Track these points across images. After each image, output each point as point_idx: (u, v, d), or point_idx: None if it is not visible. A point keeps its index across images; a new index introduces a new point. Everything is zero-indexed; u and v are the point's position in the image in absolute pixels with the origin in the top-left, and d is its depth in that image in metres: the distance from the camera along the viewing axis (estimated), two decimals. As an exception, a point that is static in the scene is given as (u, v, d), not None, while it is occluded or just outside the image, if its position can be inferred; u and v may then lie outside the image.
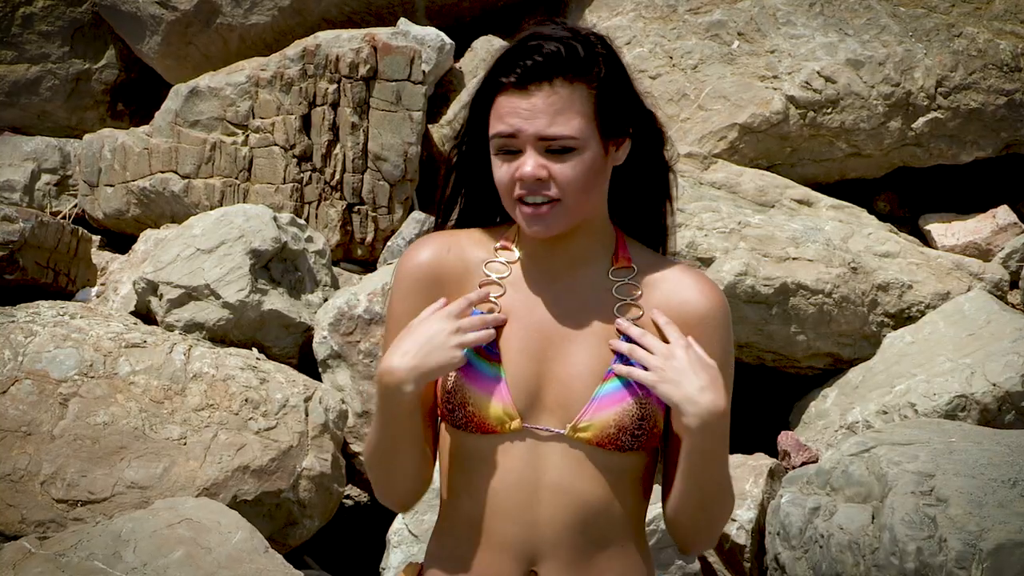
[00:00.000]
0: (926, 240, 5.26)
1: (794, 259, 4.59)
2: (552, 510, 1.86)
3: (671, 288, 1.90)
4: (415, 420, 1.88)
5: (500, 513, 1.87)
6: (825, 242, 4.68)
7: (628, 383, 1.85)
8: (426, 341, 1.83)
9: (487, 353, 1.88)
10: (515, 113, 1.83)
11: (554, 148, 1.83)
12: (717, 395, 1.79)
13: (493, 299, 1.90)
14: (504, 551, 1.87)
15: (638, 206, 1.96)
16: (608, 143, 1.87)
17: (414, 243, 1.95)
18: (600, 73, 1.85)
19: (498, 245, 1.94)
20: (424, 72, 5.27)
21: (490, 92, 1.88)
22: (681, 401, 1.80)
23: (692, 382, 1.80)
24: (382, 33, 5.35)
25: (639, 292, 1.90)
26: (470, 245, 1.94)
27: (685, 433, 1.82)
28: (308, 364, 4.67)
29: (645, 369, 1.84)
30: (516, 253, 1.92)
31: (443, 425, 1.93)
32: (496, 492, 1.86)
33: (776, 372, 4.72)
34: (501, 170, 1.86)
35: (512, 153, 1.85)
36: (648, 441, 1.88)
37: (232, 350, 4.46)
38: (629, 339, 1.87)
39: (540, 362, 1.88)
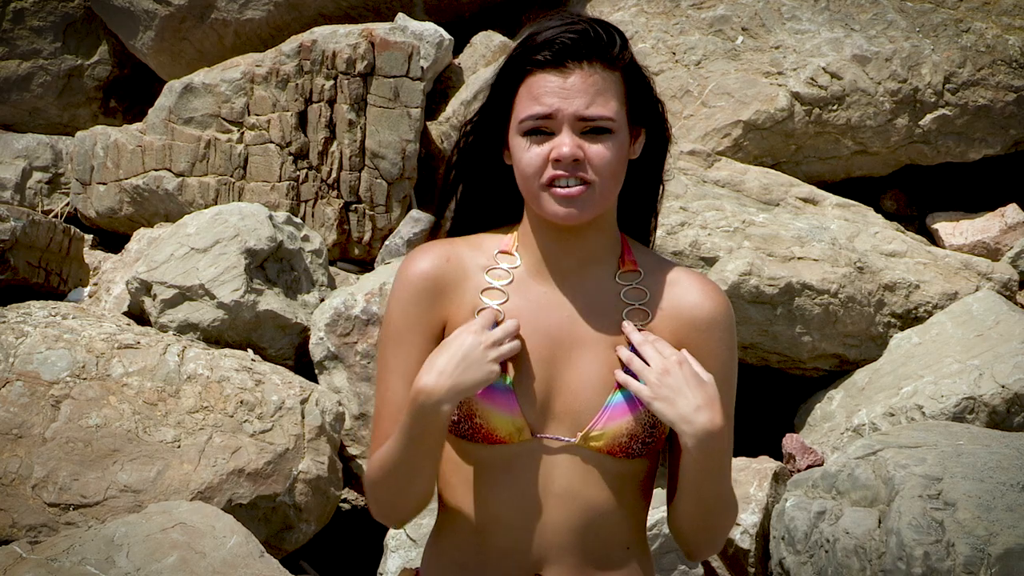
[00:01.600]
0: (933, 239, 5.26)
1: (799, 258, 4.59)
2: (559, 517, 1.87)
3: (677, 292, 1.90)
4: (442, 439, 1.86)
5: (506, 520, 1.87)
6: (831, 241, 4.69)
7: None
8: (462, 358, 1.81)
9: None
10: (552, 92, 1.81)
11: (590, 129, 1.82)
12: (713, 414, 1.79)
13: (497, 306, 1.89)
14: (509, 557, 1.87)
15: (631, 207, 1.96)
16: (632, 132, 1.87)
17: (413, 252, 1.93)
18: (629, 59, 1.85)
19: (498, 250, 1.92)
20: (422, 68, 5.27)
21: (516, 74, 1.85)
22: (676, 420, 1.80)
23: (687, 401, 1.80)
24: (380, 28, 5.35)
25: (647, 296, 1.90)
26: (469, 252, 1.92)
27: (684, 449, 1.83)
28: (304, 366, 4.66)
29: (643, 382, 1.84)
30: (517, 257, 1.91)
31: (448, 433, 1.92)
32: (503, 500, 1.87)
33: (781, 374, 4.71)
34: (531, 153, 1.83)
35: (544, 135, 1.82)
36: (655, 446, 1.89)
37: (227, 351, 4.45)
38: (632, 346, 1.87)
39: (549, 368, 1.87)
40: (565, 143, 1.80)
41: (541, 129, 1.82)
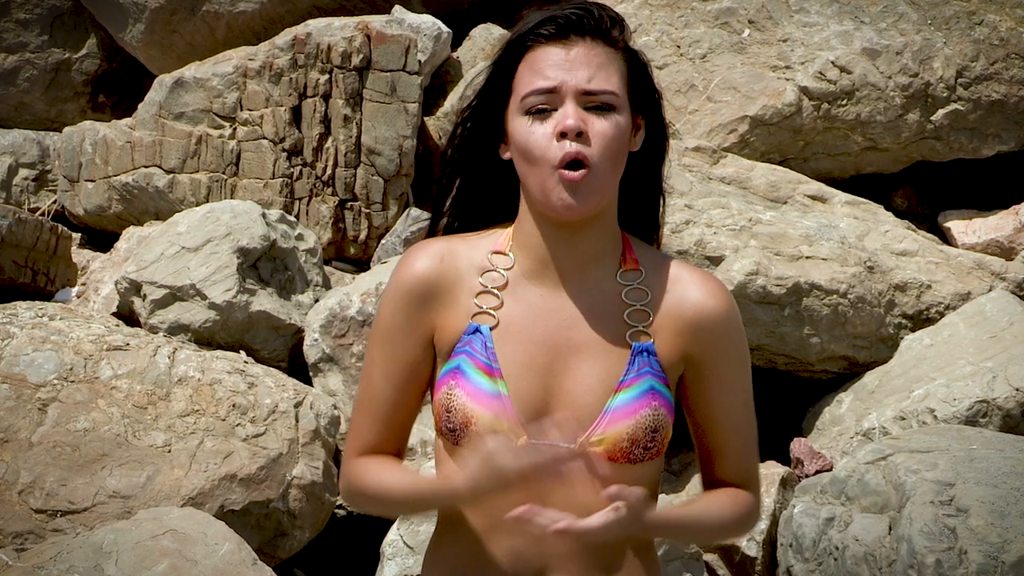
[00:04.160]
0: (945, 238, 5.27)
1: (807, 258, 4.59)
2: None
3: (678, 291, 1.89)
4: None
5: (507, 528, 1.84)
6: (840, 240, 4.68)
7: (641, 393, 1.85)
8: (498, 479, 1.81)
9: (488, 368, 1.85)
10: (556, 65, 1.81)
11: (594, 105, 1.81)
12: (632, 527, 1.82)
13: (491, 311, 1.87)
14: (510, 565, 1.86)
15: (634, 205, 1.94)
16: (633, 119, 1.86)
17: (409, 250, 1.91)
18: (631, 43, 1.85)
19: (492, 250, 1.90)
20: (420, 62, 5.29)
21: (517, 51, 1.84)
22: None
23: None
24: (376, 21, 5.38)
25: (648, 297, 1.88)
26: (465, 251, 1.90)
27: None
28: (298, 368, 4.67)
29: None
30: (511, 258, 1.89)
31: (441, 439, 1.90)
32: (503, 508, 1.82)
33: (789, 376, 4.71)
34: (535, 133, 1.81)
35: (546, 112, 1.81)
36: (656, 451, 1.87)
37: (219, 353, 4.45)
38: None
39: (546, 375, 1.85)
40: (569, 114, 1.79)
41: (544, 106, 1.80)
